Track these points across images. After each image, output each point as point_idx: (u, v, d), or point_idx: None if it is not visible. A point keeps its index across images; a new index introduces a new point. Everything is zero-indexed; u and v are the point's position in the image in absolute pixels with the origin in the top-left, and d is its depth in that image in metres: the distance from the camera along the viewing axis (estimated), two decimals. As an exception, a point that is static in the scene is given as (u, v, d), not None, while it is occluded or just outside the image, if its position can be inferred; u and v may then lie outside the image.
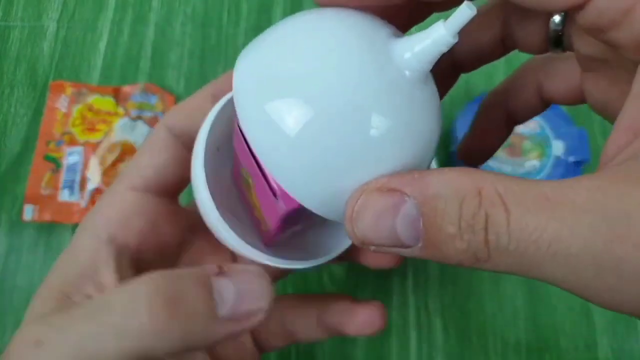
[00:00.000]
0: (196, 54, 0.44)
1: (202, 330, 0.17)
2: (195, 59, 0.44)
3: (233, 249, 0.21)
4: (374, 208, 0.15)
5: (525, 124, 0.39)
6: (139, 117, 0.41)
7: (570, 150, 0.39)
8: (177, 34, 0.45)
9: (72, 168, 0.40)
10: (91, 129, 0.41)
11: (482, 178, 0.14)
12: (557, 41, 0.20)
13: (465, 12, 0.14)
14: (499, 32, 0.21)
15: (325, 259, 0.22)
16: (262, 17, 0.46)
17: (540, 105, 0.23)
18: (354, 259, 0.26)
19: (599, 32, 0.16)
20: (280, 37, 0.16)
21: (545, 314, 0.38)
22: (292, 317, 0.27)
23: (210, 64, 0.44)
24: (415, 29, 0.19)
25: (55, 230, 0.39)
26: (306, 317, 0.26)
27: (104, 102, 0.42)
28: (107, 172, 0.39)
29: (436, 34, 0.15)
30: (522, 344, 0.37)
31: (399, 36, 0.17)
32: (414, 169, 0.16)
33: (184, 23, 0.45)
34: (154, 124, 0.41)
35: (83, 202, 0.39)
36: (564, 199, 0.13)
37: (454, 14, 0.15)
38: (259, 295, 0.18)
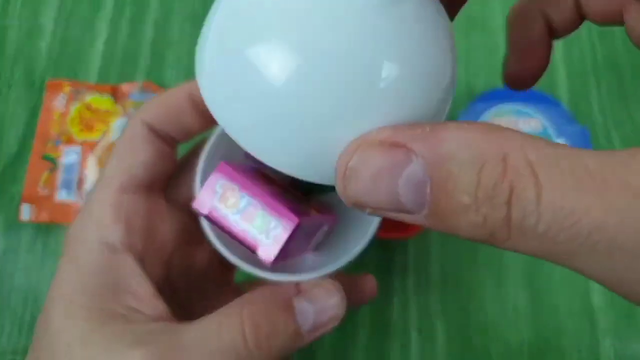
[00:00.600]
0: (194, 53, 0.44)
1: (289, 349, 0.19)
2: (193, 57, 0.44)
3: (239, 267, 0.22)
4: (372, 166, 0.12)
5: (527, 122, 0.39)
6: (137, 116, 0.41)
7: (573, 149, 0.38)
8: (175, 32, 0.45)
9: (69, 168, 0.39)
10: (89, 128, 0.40)
11: (510, 140, 0.11)
12: None
13: None
14: None
15: (332, 268, 0.22)
16: (262, 15, 0.45)
17: (578, 20, 0.20)
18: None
19: None
20: None
21: (548, 315, 0.37)
22: None
23: (209, 63, 0.44)
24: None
25: (53, 230, 0.39)
26: None
27: (102, 101, 0.41)
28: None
29: None
30: (524, 346, 0.37)
31: None
32: (424, 119, 0.13)
33: (183, 21, 0.45)
34: (153, 123, 0.41)
35: (81, 202, 0.38)
36: (613, 178, 0.10)
37: None
38: (335, 307, 0.20)
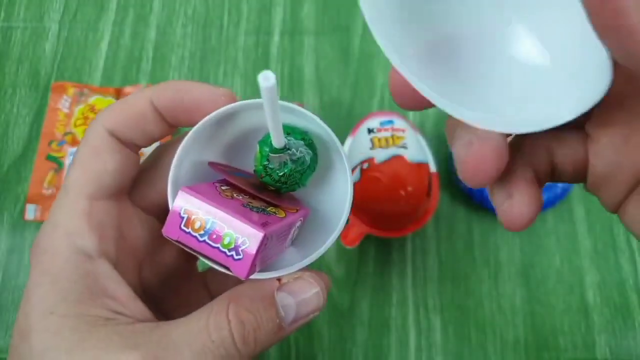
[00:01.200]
0: (197, 55, 0.45)
1: (273, 341, 0.20)
2: (196, 59, 0.45)
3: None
4: None
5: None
6: (140, 118, 0.42)
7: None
8: (178, 35, 0.45)
9: (74, 168, 0.40)
10: (93, 129, 0.41)
11: None
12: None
13: None
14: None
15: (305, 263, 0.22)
16: (263, 18, 0.46)
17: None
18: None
19: None
20: None
21: (543, 313, 0.38)
22: None
23: (211, 65, 0.44)
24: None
25: (57, 229, 0.39)
26: None
27: (105, 103, 0.42)
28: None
29: None
30: (520, 342, 0.37)
31: None
32: None
33: (185, 24, 0.46)
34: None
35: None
36: None
37: None
38: (315, 299, 0.21)
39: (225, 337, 0.19)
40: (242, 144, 0.24)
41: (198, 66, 0.44)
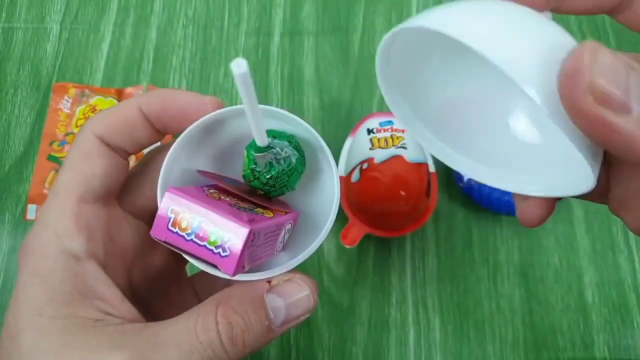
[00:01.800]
0: (197, 56, 0.45)
1: (262, 343, 0.20)
2: (197, 60, 0.45)
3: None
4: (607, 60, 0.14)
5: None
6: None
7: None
8: (178, 36, 0.46)
9: (75, 168, 0.40)
10: (94, 129, 0.41)
11: None
12: None
13: None
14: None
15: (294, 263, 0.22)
16: (263, 19, 0.46)
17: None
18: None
19: None
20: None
21: (543, 312, 0.38)
22: None
23: (212, 66, 0.45)
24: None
25: (59, 229, 0.39)
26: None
27: (106, 103, 0.42)
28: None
29: None
30: (519, 342, 0.37)
31: None
32: None
33: (186, 25, 0.46)
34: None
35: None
36: None
37: None
38: (305, 301, 0.21)
39: (213, 339, 0.19)
40: (231, 152, 0.24)
41: (198, 67, 0.45)
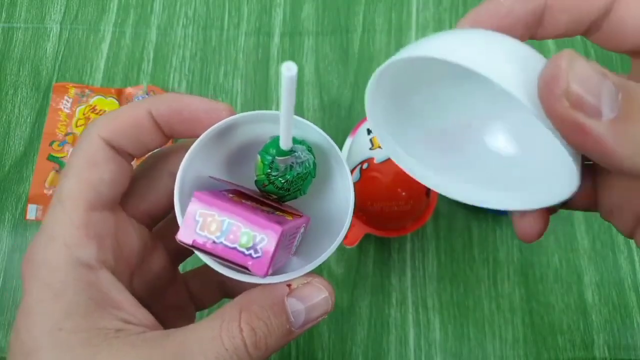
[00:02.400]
0: (197, 56, 0.45)
1: (282, 345, 0.21)
2: (197, 60, 0.45)
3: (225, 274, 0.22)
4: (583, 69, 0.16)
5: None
6: (141, 118, 0.42)
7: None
8: (178, 36, 0.46)
9: (75, 168, 0.40)
10: (94, 129, 0.41)
11: None
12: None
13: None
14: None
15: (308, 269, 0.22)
16: (263, 19, 0.46)
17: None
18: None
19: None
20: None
21: (543, 312, 0.38)
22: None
23: (212, 66, 0.45)
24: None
25: (59, 229, 0.39)
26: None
27: (106, 103, 0.42)
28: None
29: None
30: (519, 342, 0.37)
31: None
32: None
33: (186, 25, 0.46)
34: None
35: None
36: None
37: None
38: (324, 304, 0.22)
39: (238, 345, 0.19)
40: (240, 158, 0.24)
41: (198, 67, 0.45)
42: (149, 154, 0.25)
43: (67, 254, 0.20)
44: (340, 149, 0.39)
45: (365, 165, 0.36)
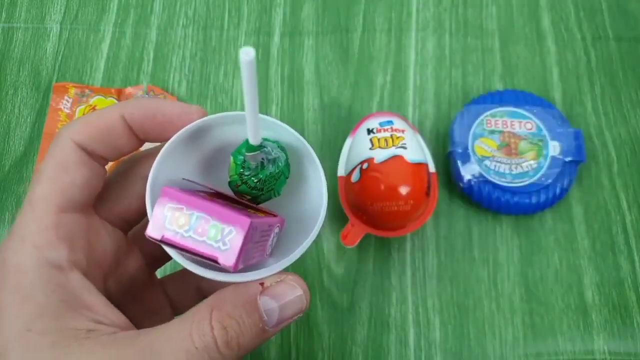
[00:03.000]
0: (197, 56, 0.45)
1: (256, 345, 0.20)
2: (197, 60, 0.45)
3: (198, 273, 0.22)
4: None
5: (522, 124, 0.40)
6: (141, 118, 0.42)
7: (566, 151, 0.39)
8: (178, 35, 0.46)
9: (75, 168, 0.40)
10: (94, 129, 0.41)
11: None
12: None
13: None
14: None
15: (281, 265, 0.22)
16: (263, 19, 0.46)
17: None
18: None
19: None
20: None
21: (543, 312, 0.38)
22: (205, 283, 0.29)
23: (212, 66, 0.45)
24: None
25: (59, 229, 0.39)
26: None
27: (106, 103, 0.42)
28: (110, 172, 0.40)
29: None
30: (519, 342, 0.37)
31: None
32: None
33: (186, 25, 0.46)
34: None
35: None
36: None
37: None
38: (298, 302, 0.21)
39: (209, 343, 0.19)
40: (214, 161, 0.24)
41: (198, 67, 0.45)
42: (123, 157, 0.24)
43: (36, 255, 0.20)
44: (340, 148, 0.39)
45: (365, 165, 0.36)
